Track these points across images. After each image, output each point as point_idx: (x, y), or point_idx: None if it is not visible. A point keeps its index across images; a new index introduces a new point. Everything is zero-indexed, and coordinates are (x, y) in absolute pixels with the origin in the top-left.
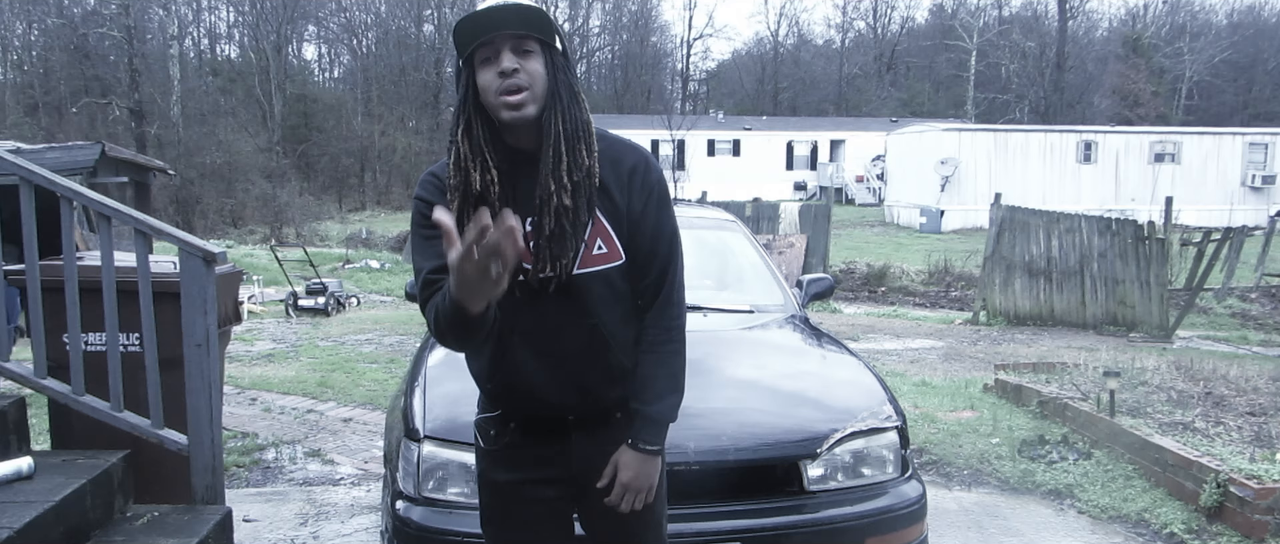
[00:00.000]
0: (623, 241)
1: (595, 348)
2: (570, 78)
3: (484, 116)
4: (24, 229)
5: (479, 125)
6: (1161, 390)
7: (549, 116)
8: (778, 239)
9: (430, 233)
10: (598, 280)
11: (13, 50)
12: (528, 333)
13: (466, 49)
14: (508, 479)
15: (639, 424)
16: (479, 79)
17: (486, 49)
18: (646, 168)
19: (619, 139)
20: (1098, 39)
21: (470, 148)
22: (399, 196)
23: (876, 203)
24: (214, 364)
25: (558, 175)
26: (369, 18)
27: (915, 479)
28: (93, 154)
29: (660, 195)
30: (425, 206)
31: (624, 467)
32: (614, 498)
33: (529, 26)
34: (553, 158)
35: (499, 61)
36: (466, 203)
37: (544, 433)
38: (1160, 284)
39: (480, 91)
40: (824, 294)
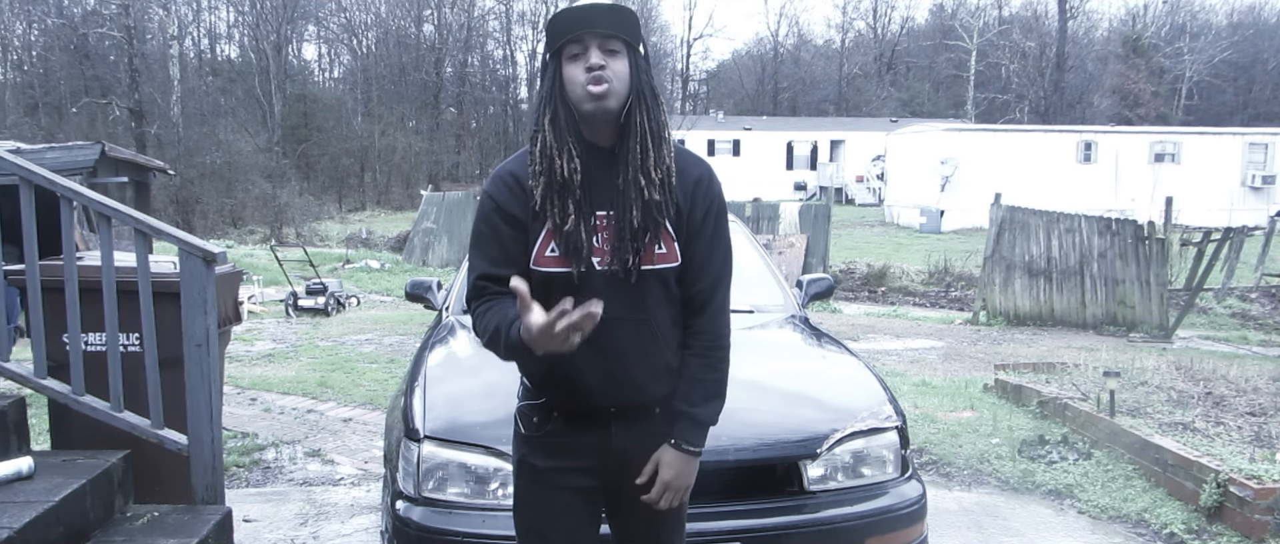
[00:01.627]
0: (681, 246)
1: (645, 343)
2: (652, 80)
3: (568, 109)
4: (24, 229)
5: (565, 116)
6: (1161, 390)
7: (634, 114)
8: (778, 239)
9: (493, 232)
10: (655, 278)
11: (13, 50)
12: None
13: (557, 43)
14: (546, 465)
15: (683, 425)
16: (566, 72)
17: (576, 45)
18: (710, 180)
19: (684, 148)
20: (1098, 39)
21: (556, 137)
22: (399, 196)
23: (876, 203)
24: (214, 364)
25: (646, 170)
26: (369, 18)
27: (915, 479)
28: (93, 154)
29: (720, 208)
30: (494, 206)
31: (666, 465)
32: (654, 495)
33: (618, 27)
34: (640, 153)
35: (587, 56)
36: (551, 190)
37: (585, 423)
38: (1160, 284)
39: (566, 84)
40: (824, 294)
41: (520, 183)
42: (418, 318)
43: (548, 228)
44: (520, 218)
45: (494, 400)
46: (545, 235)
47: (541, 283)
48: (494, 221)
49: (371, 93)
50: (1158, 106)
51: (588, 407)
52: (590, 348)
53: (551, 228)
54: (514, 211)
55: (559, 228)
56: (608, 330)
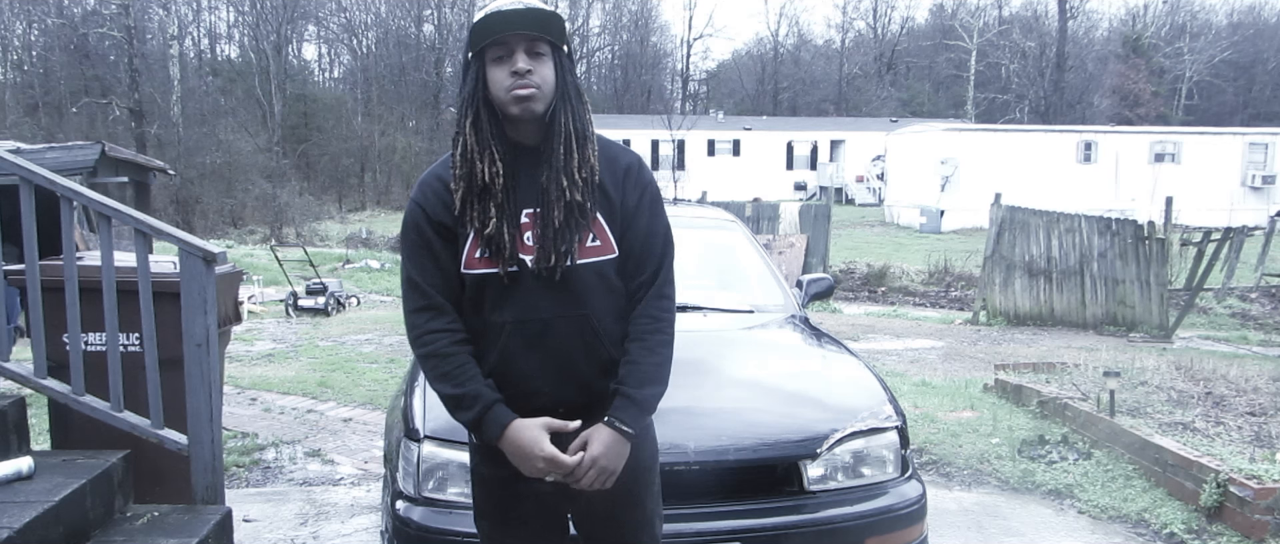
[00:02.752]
0: (615, 236)
1: (587, 339)
2: (577, 80)
3: (491, 110)
4: (24, 229)
5: (486, 119)
6: (1161, 390)
7: (559, 115)
8: (778, 239)
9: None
10: (591, 272)
11: (13, 50)
12: (523, 323)
13: (480, 44)
14: (499, 474)
15: (620, 403)
16: (490, 74)
17: (500, 47)
18: (640, 167)
19: (612, 141)
20: (1098, 39)
21: (478, 140)
22: (399, 196)
23: (876, 203)
24: (214, 364)
25: (569, 171)
26: (369, 18)
27: (915, 479)
28: (93, 154)
29: (653, 193)
30: (422, 215)
31: (596, 442)
32: (580, 472)
33: (544, 29)
34: (564, 155)
35: (513, 60)
36: (471, 193)
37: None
38: (1160, 284)
39: (490, 86)
40: (824, 294)
41: (446, 187)
42: None
43: (474, 230)
44: (448, 224)
45: None
46: (473, 238)
47: (474, 284)
48: (423, 231)
49: (371, 93)
50: (1158, 106)
51: (534, 408)
52: (532, 349)
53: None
54: (442, 219)
55: (480, 231)
56: (547, 329)
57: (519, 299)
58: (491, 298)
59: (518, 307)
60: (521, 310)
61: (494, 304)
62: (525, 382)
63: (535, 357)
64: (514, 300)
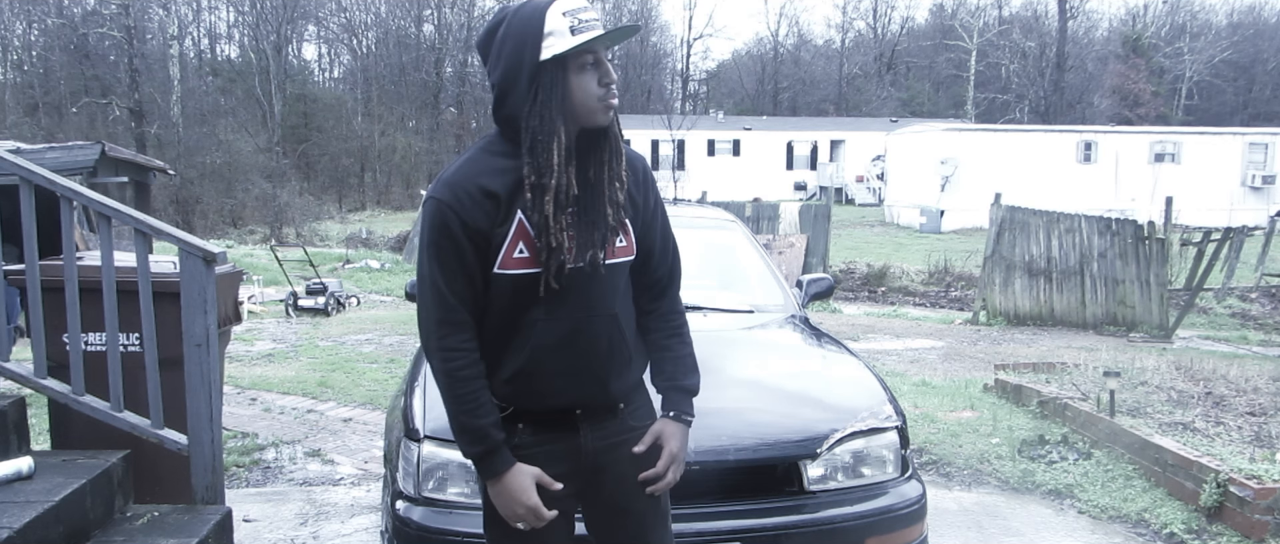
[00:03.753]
0: (636, 237)
1: (613, 338)
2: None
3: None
4: (24, 229)
5: (564, 124)
6: (1161, 390)
7: (615, 122)
8: (778, 239)
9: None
10: (618, 272)
11: (13, 50)
12: (555, 322)
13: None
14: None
15: (678, 397)
16: (574, 81)
17: (589, 54)
18: (648, 168)
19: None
20: (1098, 39)
21: (562, 147)
22: (399, 196)
23: (876, 203)
24: (214, 364)
25: (617, 173)
26: (369, 18)
27: (915, 479)
28: (93, 154)
29: (659, 195)
30: (456, 219)
31: (671, 437)
32: (660, 468)
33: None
34: (612, 157)
35: (602, 69)
36: (542, 196)
37: (553, 431)
38: (1160, 284)
39: (574, 92)
40: (824, 294)
41: (483, 191)
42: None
43: (514, 229)
44: (484, 229)
45: None
46: (512, 237)
47: (507, 285)
48: (456, 237)
49: (371, 93)
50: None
51: (554, 410)
52: (564, 349)
53: (530, 227)
54: (479, 225)
55: (541, 228)
56: (579, 329)
57: (553, 298)
58: (525, 298)
59: (550, 306)
60: (556, 309)
61: (527, 304)
62: (552, 380)
63: (565, 356)
64: (548, 300)
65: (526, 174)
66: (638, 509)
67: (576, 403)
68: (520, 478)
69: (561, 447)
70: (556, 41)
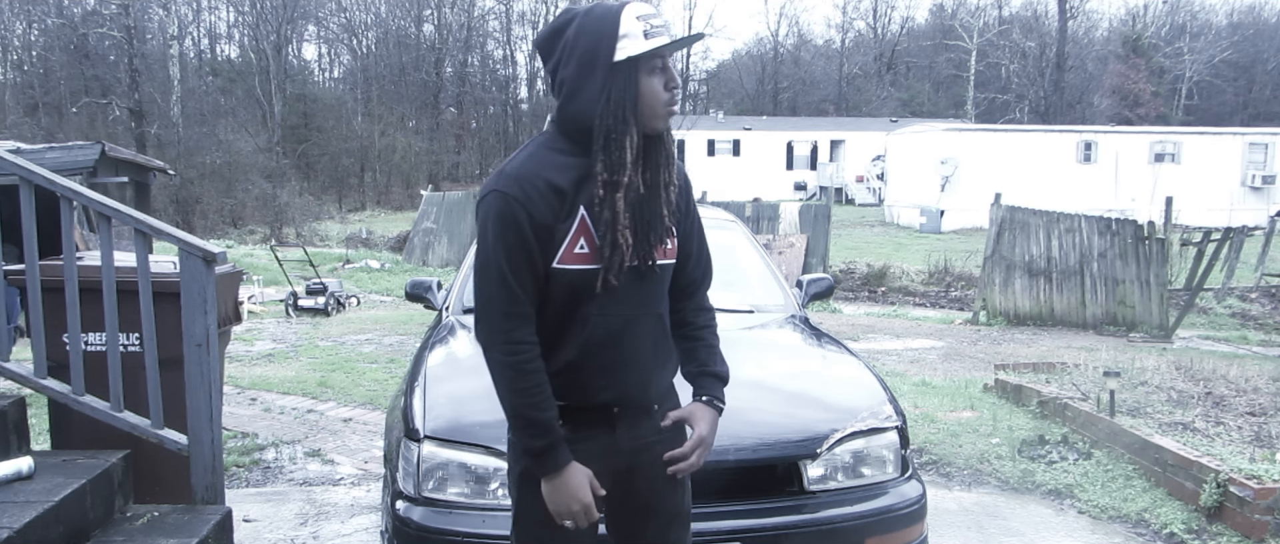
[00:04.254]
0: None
1: (658, 336)
2: None
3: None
4: (24, 229)
5: (635, 125)
6: (1161, 390)
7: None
8: (778, 239)
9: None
10: (665, 273)
11: (13, 50)
12: (608, 318)
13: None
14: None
15: (710, 383)
16: (645, 83)
17: (659, 58)
18: (688, 178)
19: None
20: (1098, 39)
21: (632, 147)
22: (399, 196)
23: (876, 203)
24: (214, 364)
25: (672, 179)
26: (369, 18)
27: (915, 479)
28: (93, 154)
29: (695, 202)
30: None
31: (703, 420)
32: (686, 449)
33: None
34: (666, 161)
35: (668, 73)
36: (613, 193)
37: (589, 428)
38: (1160, 284)
39: (643, 96)
40: (824, 294)
41: (552, 187)
42: (418, 318)
43: (576, 225)
44: (550, 224)
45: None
46: (574, 233)
47: (565, 280)
48: (524, 232)
49: (371, 93)
50: (1158, 106)
51: (594, 406)
52: (612, 344)
53: (592, 224)
54: (545, 219)
55: (609, 225)
56: (629, 326)
57: (609, 295)
58: (581, 293)
59: (604, 302)
60: (609, 306)
61: (583, 299)
62: (598, 375)
63: (612, 352)
64: (605, 296)
65: (599, 172)
66: (664, 510)
67: (616, 400)
68: (578, 475)
69: (597, 445)
70: (630, 44)
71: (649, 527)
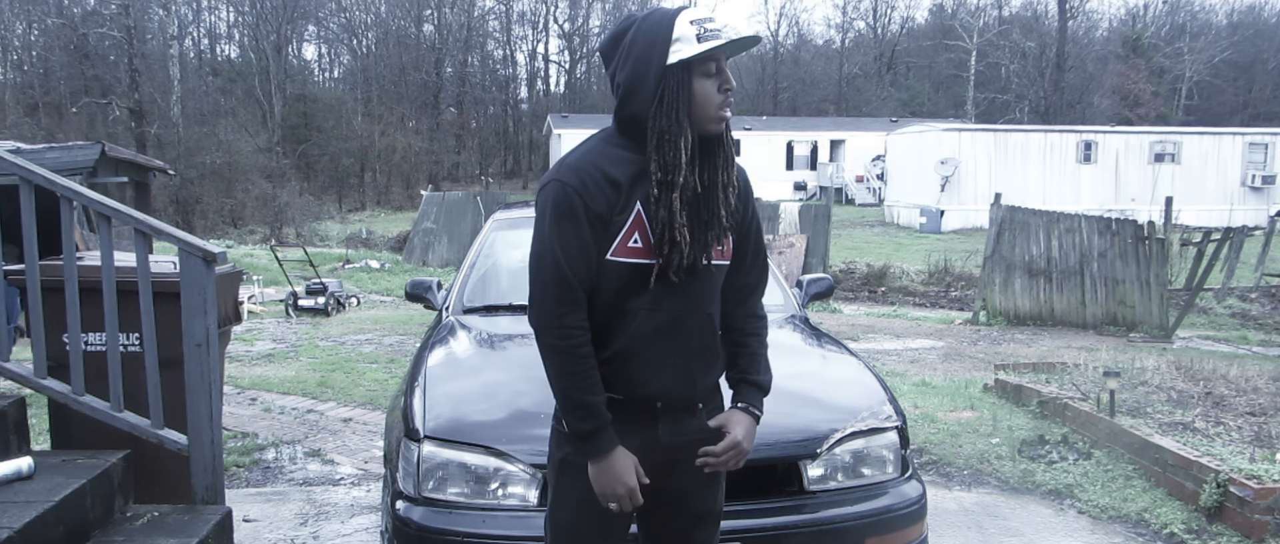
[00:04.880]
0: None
1: (707, 336)
2: None
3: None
4: (24, 229)
5: (690, 129)
6: (1161, 390)
7: (728, 130)
8: (778, 239)
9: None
10: (718, 273)
11: (13, 50)
12: (657, 312)
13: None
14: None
15: (750, 392)
16: (699, 86)
17: (713, 62)
18: (745, 178)
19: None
20: (1098, 39)
21: (687, 147)
22: (399, 196)
23: (876, 203)
24: (214, 364)
25: (731, 180)
26: (369, 18)
27: (915, 479)
28: (93, 154)
29: (756, 207)
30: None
31: (740, 426)
32: (720, 449)
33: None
34: (726, 161)
35: (723, 76)
36: (669, 193)
37: (632, 421)
38: (1160, 284)
39: (697, 98)
40: (824, 294)
41: (609, 179)
42: (418, 318)
43: (632, 219)
44: (604, 215)
45: (494, 400)
46: (629, 227)
47: (617, 272)
48: (578, 218)
49: (371, 93)
50: (1158, 106)
51: (638, 399)
52: (659, 339)
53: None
54: (600, 209)
55: (666, 224)
56: (677, 322)
57: (658, 291)
58: (633, 286)
59: (654, 297)
60: (661, 301)
61: (634, 293)
62: (644, 369)
63: (660, 347)
64: (656, 291)
65: (653, 171)
66: (696, 508)
67: (660, 395)
68: (625, 458)
69: (638, 438)
70: (683, 47)
71: (679, 521)
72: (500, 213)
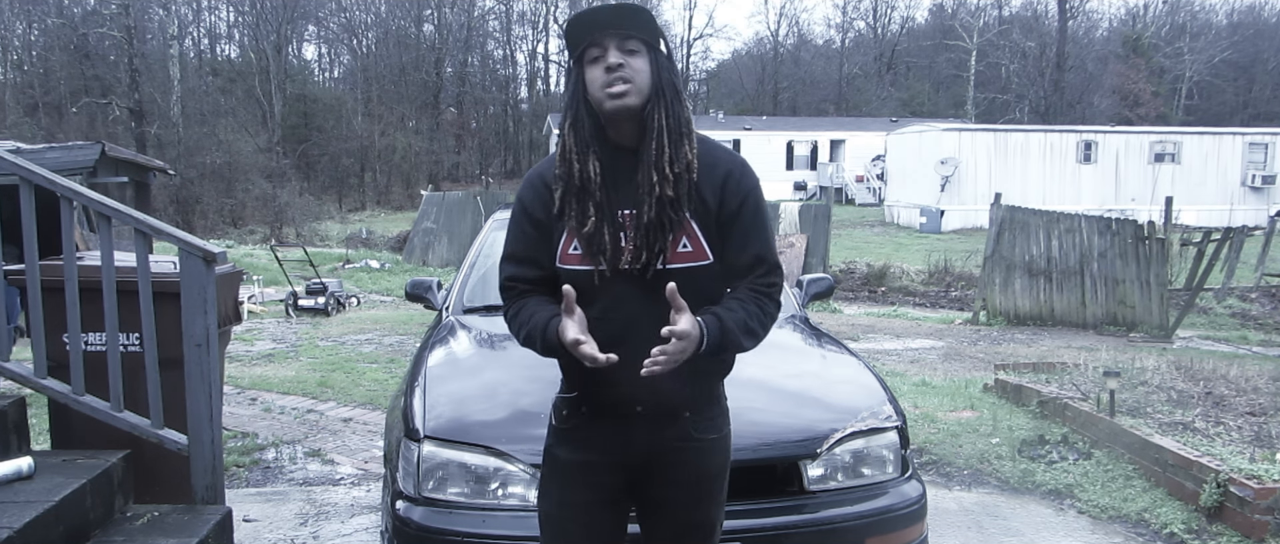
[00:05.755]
0: (711, 243)
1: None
2: (674, 77)
3: (590, 111)
4: (24, 229)
5: (586, 119)
6: (1161, 390)
7: (652, 111)
8: (778, 239)
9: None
10: (681, 277)
11: (13, 50)
12: (606, 320)
13: (578, 48)
14: (569, 459)
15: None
16: (588, 75)
17: (595, 48)
18: (742, 172)
19: (713, 143)
20: (1098, 39)
21: (577, 141)
22: (399, 196)
23: (876, 203)
24: (214, 364)
25: (660, 167)
26: (369, 18)
27: (915, 479)
28: (93, 154)
29: (756, 201)
30: (522, 210)
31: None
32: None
33: (634, 26)
34: (656, 150)
35: (606, 58)
36: (570, 192)
37: (612, 419)
38: (1160, 284)
39: (588, 87)
40: (824, 294)
41: (546, 185)
42: (418, 318)
43: (570, 227)
44: (543, 220)
45: (494, 400)
46: (568, 234)
47: (567, 280)
48: (521, 223)
49: (371, 93)
50: (1158, 106)
51: (614, 402)
52: (616, 346)
53: (572, 228)
54: (538, 214)
55: (578, 229)
56: (630, 328)
57: (608, 297)
58: (584, 294)
59: (605, 304)
60: (607, 308)
61: (587, 301)
62: (608, 379)
63: (621, 357)
64: (603, 298)
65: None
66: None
67: (636, 402)
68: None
69: (617, 438)
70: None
71: (665, 528)
72: (500, 213)
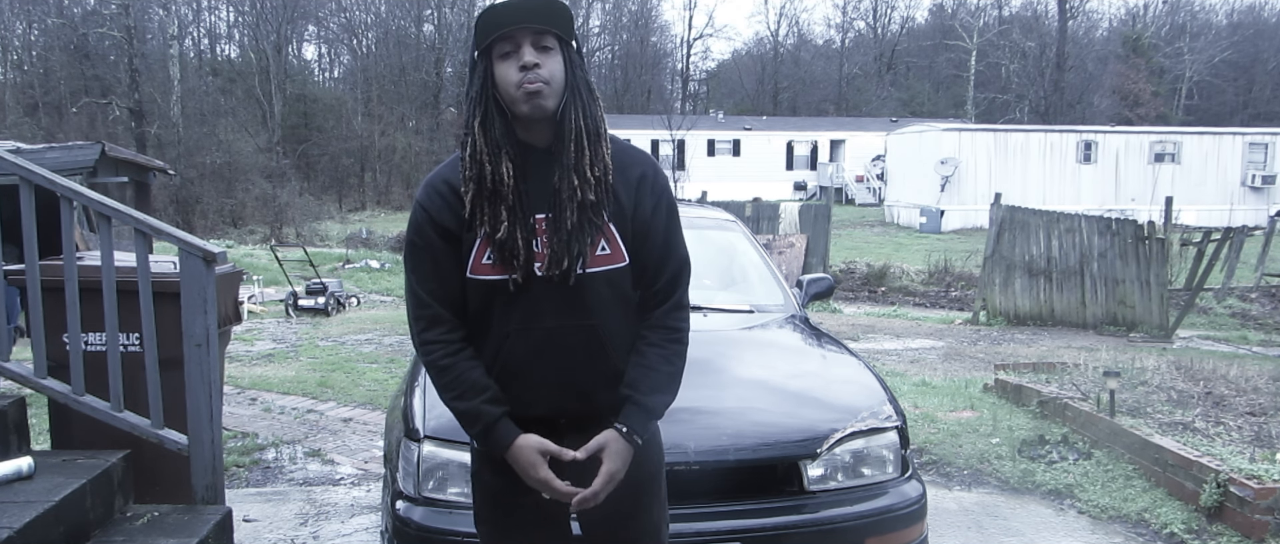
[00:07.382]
0: (627, 245)
1: (592, 349)
2: (587, 75)
3: (500, 110)
4: (24, 229)
5: (496, 118)
6: (1161, 390)
7: (569, 112)
8: (778, 239)
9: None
10: (601, 281)
11: (13, 50)
12: (526, 331)
13: (486, 40)
14: (498, 481)
15: (632, 412)
16: (498, 71)
17: (507, 42)
18: (655, 174)
19: (627, 145)
20: (1098, 39)
21: (487, 141)
22: (399, 196)
23: (876, 203)
24: (214, 364)
25: (581, 170)
26: (369, 18)
27: (915, 479)
28: (93, 154)
29: (670, 204)
30: (426, 218)
31: (613, 455)
32: (598, 485)
33: (550, 22)
34: (575, 152)
35: (520, 55)
36: (481, 196)
37: (538, 431)
38: (1160, 284)
39: (498, 84)
40: (824, 294)
41: (454, 190)
42: None
43: (482, 236)
44: (453, 229)
45: None
46: (480, 242)
47: (479, 290)
48: (427, 235)
49: (371, 93)
50: (1158, 106)
51: (536, 417)
52: (536, 358)
53: (485, 235)
54: (446, 223)
55: (492, 235)
56: (551, 338)
57: (525, 307)
58: (497, 305)
59: (523, 314)
60: (526, 318)
61: (499, 311)
62: (526, 391)
63: (538, 366)
64: (520, 308)
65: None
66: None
67: (559, 413)
68: (526, 451)
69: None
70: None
71: (604, 531)
72: None
